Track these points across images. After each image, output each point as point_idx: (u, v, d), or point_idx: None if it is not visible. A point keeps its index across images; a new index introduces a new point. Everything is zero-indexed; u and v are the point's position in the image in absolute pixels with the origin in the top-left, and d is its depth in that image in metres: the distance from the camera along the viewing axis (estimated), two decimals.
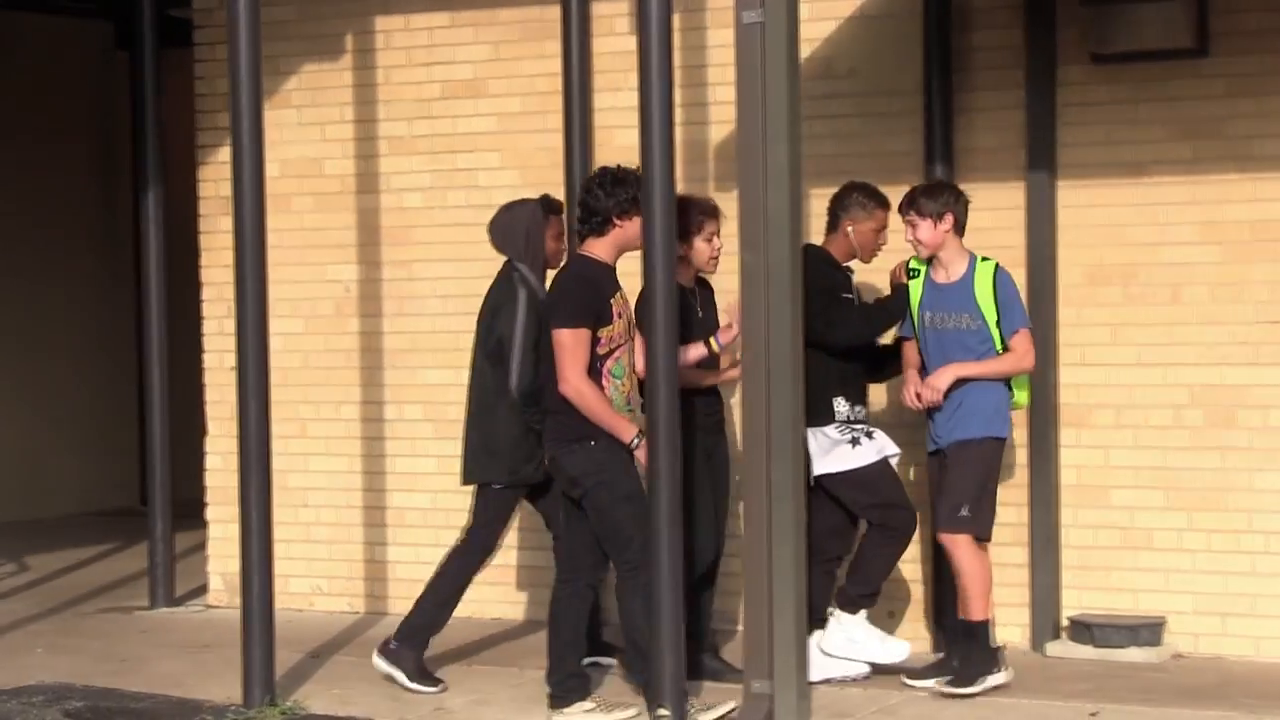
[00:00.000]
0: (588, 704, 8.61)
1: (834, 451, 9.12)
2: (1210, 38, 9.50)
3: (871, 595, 9.23)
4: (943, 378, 8.95)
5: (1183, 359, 9.63)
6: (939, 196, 9.04)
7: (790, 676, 8.07)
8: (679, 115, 8.74)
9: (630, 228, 8.62)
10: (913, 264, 9.12)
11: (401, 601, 10.95)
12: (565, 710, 8.60)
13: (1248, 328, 9.47)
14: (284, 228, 11.13)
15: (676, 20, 8.72)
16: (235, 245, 8.83)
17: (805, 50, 9.59)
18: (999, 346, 9.00)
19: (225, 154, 10.54)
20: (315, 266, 11.37)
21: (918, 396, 8.98)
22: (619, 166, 8.74)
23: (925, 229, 8.99)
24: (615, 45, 10.67)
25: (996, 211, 9.92)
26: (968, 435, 8.94)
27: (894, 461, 9.21)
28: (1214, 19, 9.47)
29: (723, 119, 10.16)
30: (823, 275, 9.05)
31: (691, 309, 9.08)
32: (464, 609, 9.46)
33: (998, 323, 8.97)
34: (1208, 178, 9.43)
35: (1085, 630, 9.61)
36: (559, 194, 10.73)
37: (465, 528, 9.38)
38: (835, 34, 10.24)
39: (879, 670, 9.16)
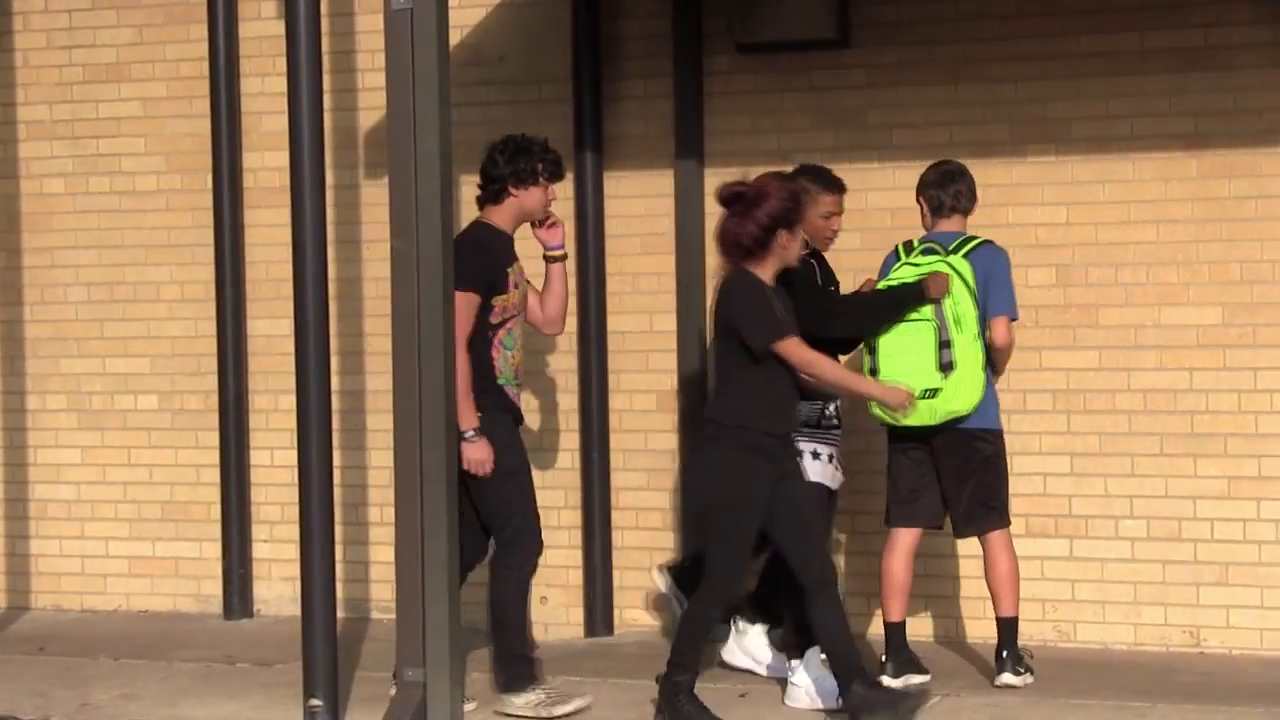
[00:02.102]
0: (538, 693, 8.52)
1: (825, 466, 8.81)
2: (851, 29, 9.69)
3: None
4: None
5: None
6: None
7: (443, 664, 8.04)
8: (328, 101, 8.64)
9: (527, 198, 8.48)
10: (881, 285, 8.69)
11: (45, 596, 10.73)
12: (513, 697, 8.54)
13: None
14: None
15: (325, 5, 8.62)
16: None
17: (455, 37, 9.58)
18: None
19: None
20: None
21: None
22: (523, 135, 8.58)
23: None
24: (262, 30, 10.54)
25: (646, 199, 10.03)
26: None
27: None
28: (854, 10, 9.67)
29: (373, 105, 10.10)
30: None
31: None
32: (110, 601, 9.28)
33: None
34: (850, 165, 9.59)
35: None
36: (205, 180, 10.61)
37: None
38: (485, 21, 10.25)
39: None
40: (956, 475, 8.53)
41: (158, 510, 10.84)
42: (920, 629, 9.45)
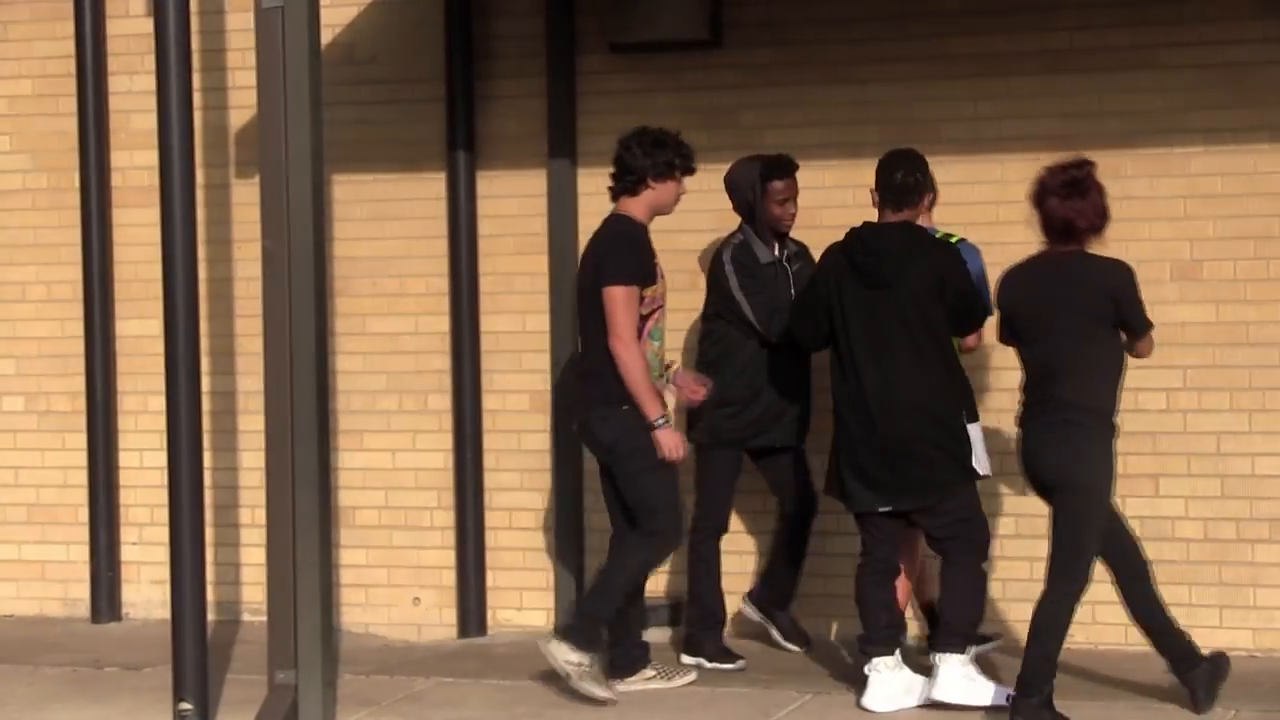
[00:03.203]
0: (649, 671, 8.64)
1: (985, 452, 8.70)
2: (723, 29, 9.73)
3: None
4: None
5: (694, 343, 9.82)
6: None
7: (314, 667, 8.00)
8: (198, 100, 8.60)
9: (664, 191, 8.60)
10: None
11: None
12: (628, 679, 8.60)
13: None
14: None
15: (195, 3, 8.56)
16: None
17: (327, 36, 9.54)
18: None
19: None
20: None
21: None
22: (659, 129, 8.66)
23: None
24: (131, 28, 10.44)
25: (519, 199, 10.02)
26: None
27: None
28: (726, 11, 9.71)
29: (244, 104, 10.04)
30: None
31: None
32: None
33: None
34: (722, 166, 9.62)
35: None
36: (73, 179, 10.51)
37: None
38: (357, 20, 10.20)
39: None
40: None
41: (24, 513, 10.72)
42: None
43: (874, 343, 8.25)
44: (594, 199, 9.90)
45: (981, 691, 8.16)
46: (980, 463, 8.54)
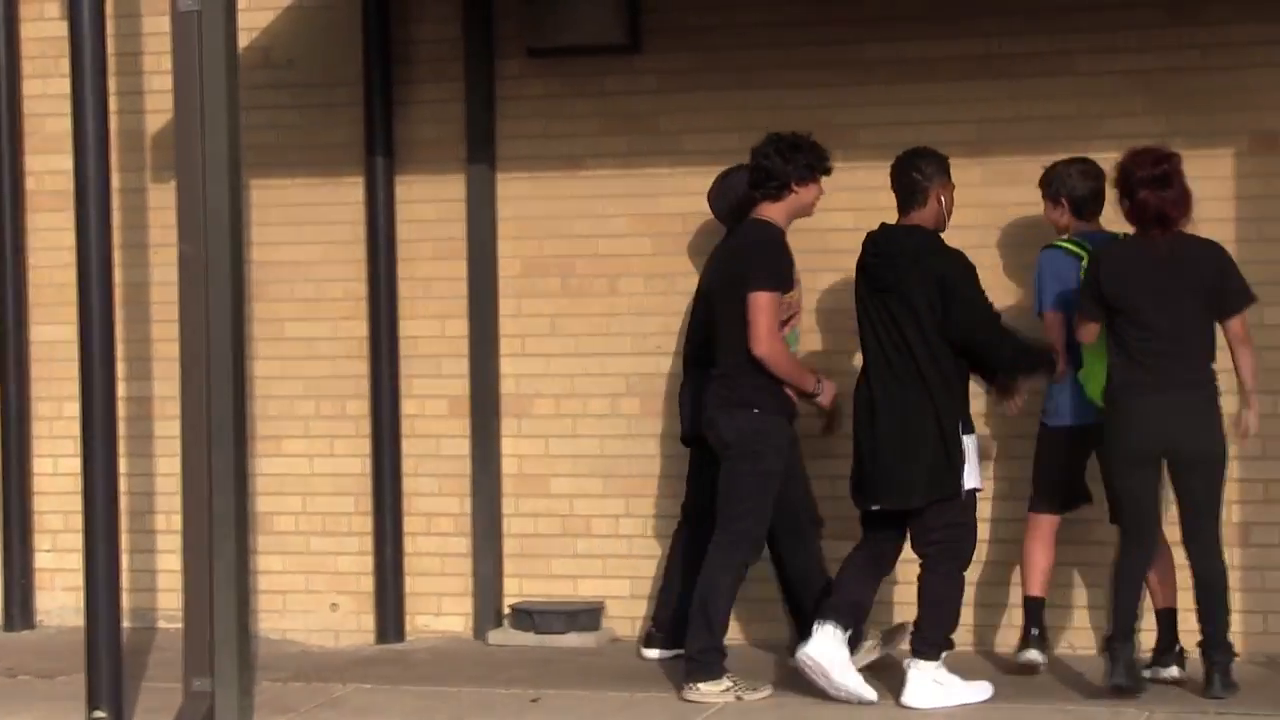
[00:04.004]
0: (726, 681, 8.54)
1: (979, 465, 8.56)
2: (642, 34, 9.73)
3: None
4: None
5: (619, 349, 9.84)
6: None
7: (231, 674, 7.95)
8: (114, 103, 8.54)
9: (805, 194, 8.70)
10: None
11: None
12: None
13: (680, 318, 9.72)
14: None
15: (110, 6, 8.50)
16: None
17: (244, 39, 9.48)
18: None
19: None
20: None
21: None
22: (792, 133, 8.72)
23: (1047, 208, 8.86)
24: (46, 30, 10.37)
25: (438, 204, 9.99)
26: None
27: None
28: (645, 16, 9.70)
29: (160, 108, 9.96)
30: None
31: None
32: None
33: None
34: (641, 171, 9.67)
35: (527, 617, 9.74)
36: None
37: None
38: (274, 24, 10.15)
39: None
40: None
41: None
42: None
43: (880, 344, 8.40)
44: (513, 204, 9.92)
45: (951, 694, 8.27)
46: (971, 476, 8.48)
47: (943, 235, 8.52)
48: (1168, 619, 8.64)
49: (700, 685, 8.49)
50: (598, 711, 8.41)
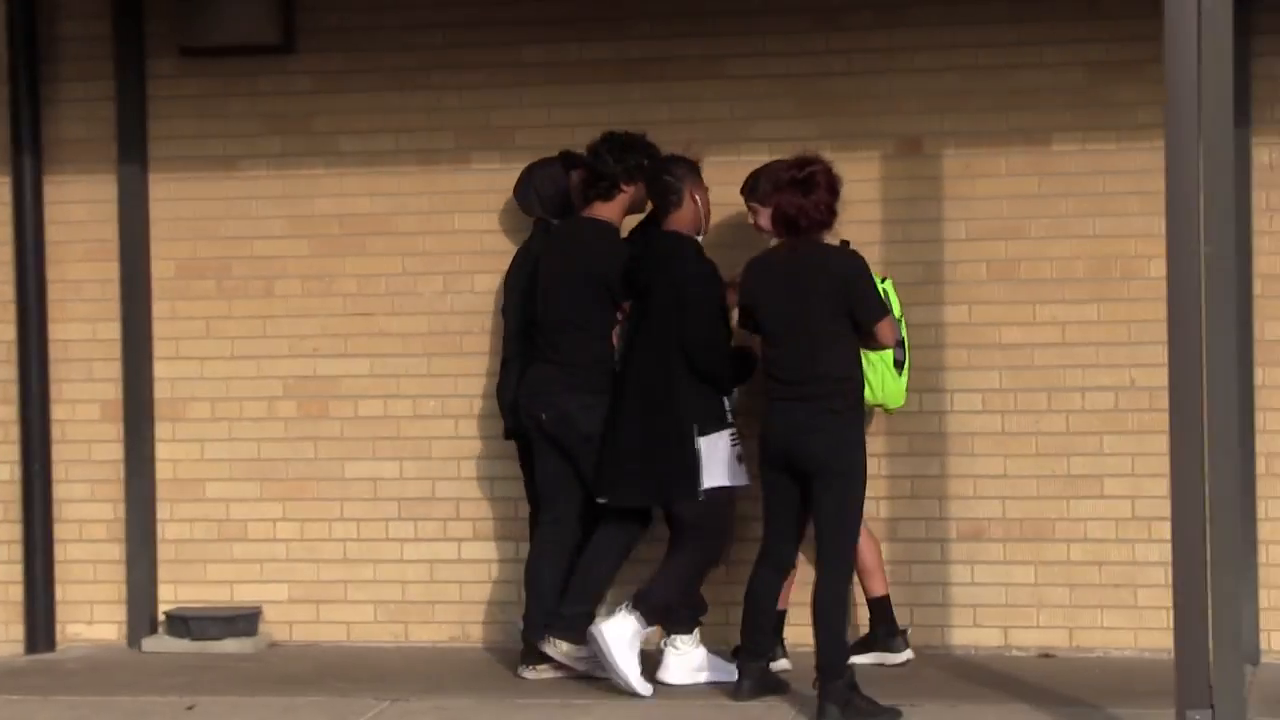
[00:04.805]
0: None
1: (727, 463, 8.56)
2: (297, 34, 9.66)
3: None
4: None
5: (276, 351, 9.75)
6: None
7: None
8: None
9: (636, 192, 8.75)
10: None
11: None
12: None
13: (338, 320, 9.68)
14: None
15: None
16: None
17: None
18: None
19: None
20: None
21: None
22: (626, 132, 8.75)
23: (765, 216, 8.57)
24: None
25: (89, 204, 9.83)
26: None
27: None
28: (300, 16, 9.63)
29: None
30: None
31: None
32: None
33: None
34: (297, 172, 9.60)
35: (181, 624, 9.62)
36: None
37: None
38: None
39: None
40: None
41: None
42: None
43: (632, 344, 8.63)
44: (166, 205, 9.80)
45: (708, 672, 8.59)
46: (715, 475, 8.52)
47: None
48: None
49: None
50: (257, 718, 8.33)
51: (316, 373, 9.73)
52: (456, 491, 9.60)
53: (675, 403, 8.47)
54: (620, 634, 8.41)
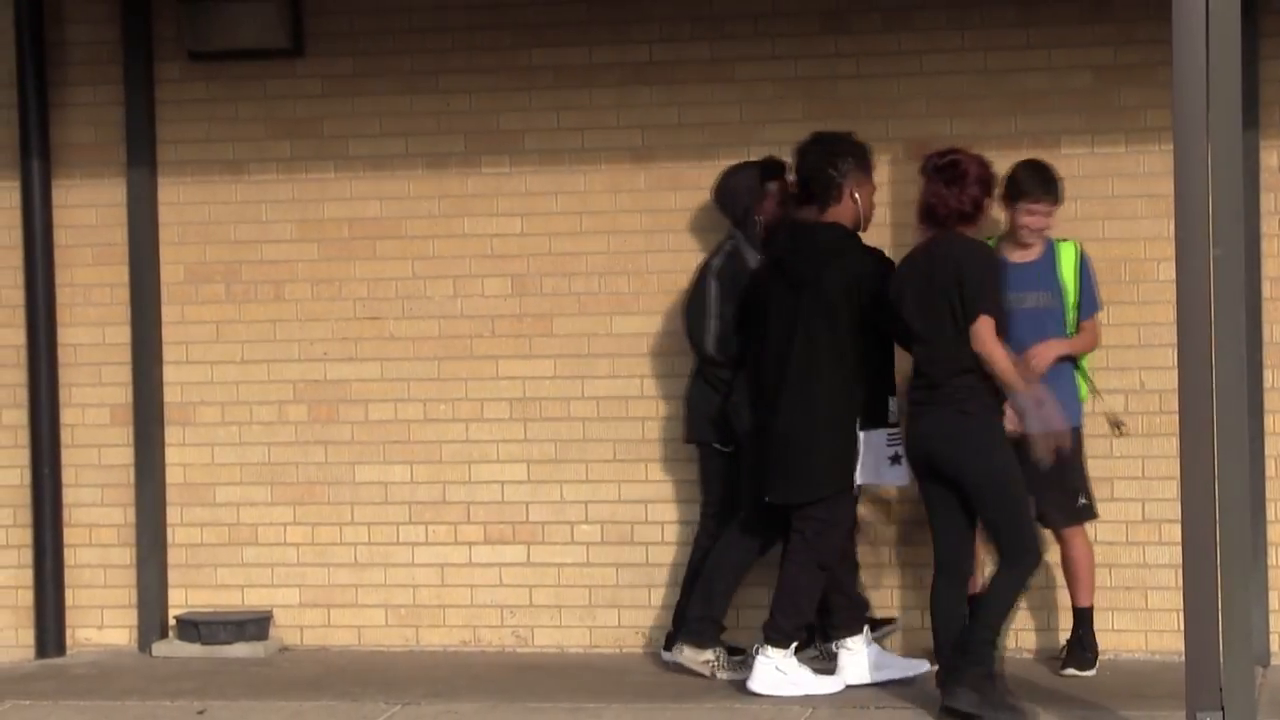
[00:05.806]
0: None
1: (881, 463, 8.42)
2: (306, 38, 9.67)
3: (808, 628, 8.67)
4: (1048, 355, 8.55)
5: (286, 355, 9.76)
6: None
7: None
8: None
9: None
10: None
11: None
12: None
13: (347, 324, 9.69)
14: None
15: None
16: None
17: None
18: (1071, 328, 8.71)
19: None
20: None
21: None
22: (834, 135, 8.61)
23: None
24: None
25: (98, 209, 9.84)
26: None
27: None
28: (308, 20, 9.64)
29: None
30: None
31: None
32: None
33: (1076, 304, 8.71)
34: (306, 176, 9.60)
35: (192, 628, 9.62)
36: None
37: None
38: None
39: None
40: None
41: None
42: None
43: (782, 338, 8.46)
44: (175, 209, 9.80)
45: (794, 685, 8.39)
46: (863, 471, 8.44)
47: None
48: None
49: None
50: None
51: (326, 376, 9.74)
52: (467, 495, 9.61)
53: (837, 397, 8.36)
54: (862, 672, 8.54)
